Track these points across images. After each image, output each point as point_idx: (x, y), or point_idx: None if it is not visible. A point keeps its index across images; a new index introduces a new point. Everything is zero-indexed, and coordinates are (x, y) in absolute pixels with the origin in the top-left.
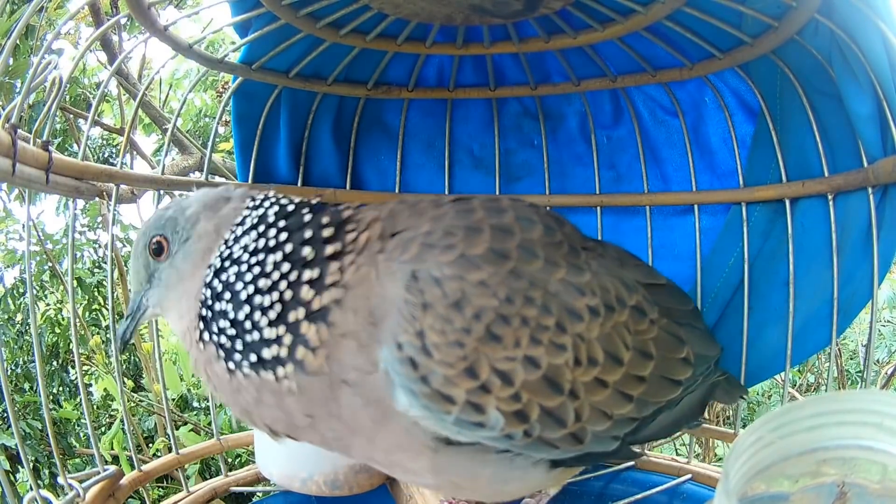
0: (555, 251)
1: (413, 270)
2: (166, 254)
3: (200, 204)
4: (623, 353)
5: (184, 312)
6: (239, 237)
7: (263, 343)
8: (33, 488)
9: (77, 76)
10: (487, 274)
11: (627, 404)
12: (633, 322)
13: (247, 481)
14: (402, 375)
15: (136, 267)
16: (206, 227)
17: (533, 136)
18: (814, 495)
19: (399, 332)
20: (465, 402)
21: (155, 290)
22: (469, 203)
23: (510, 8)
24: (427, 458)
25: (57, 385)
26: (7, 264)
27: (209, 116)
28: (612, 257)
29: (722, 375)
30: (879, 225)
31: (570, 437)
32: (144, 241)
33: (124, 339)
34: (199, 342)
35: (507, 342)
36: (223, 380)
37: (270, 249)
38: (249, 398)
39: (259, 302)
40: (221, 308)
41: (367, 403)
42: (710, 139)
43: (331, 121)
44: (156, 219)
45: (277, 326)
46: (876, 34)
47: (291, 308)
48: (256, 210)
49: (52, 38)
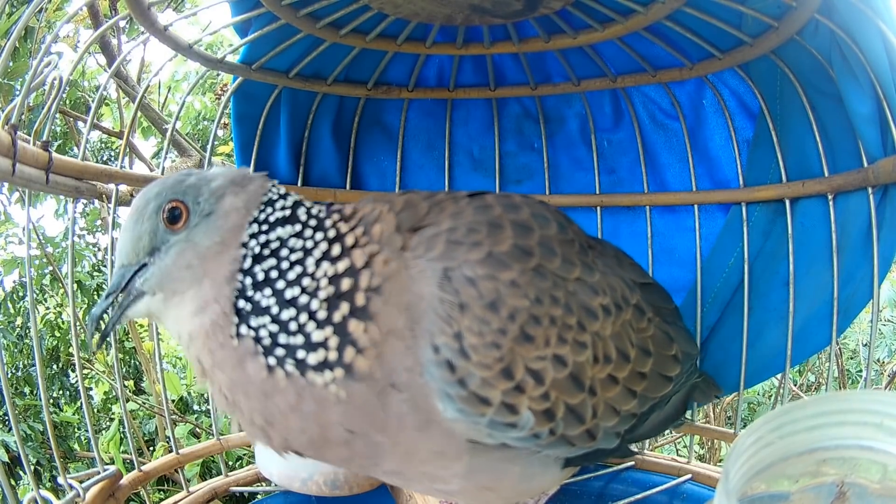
0: (569, 249)
1: (444, 269)
2: (184, 224)
3: (227, 179)
4: (630, 351)
5: (208, 300)
6: (272, 224)
7: (310, 347)
8: (33, 489)
9: (76, 79)
10: (517, 273)
11: (632, 400)
12: (635, 320)
13: (247, 481)
14: (438, 380)
15: (136, 233)
16: (235, 202)
17: (533, 138)
18: (814, 495)
19: (436, 333)
20: (500, 404)
21: (157, 266)
22: (484, 199)
23: (510, 8)
24: (463, 462)
25: (57, 389)
26: (7, 271)
27: (208, 119)
28: (611, 256)
29: (700, 377)
30: (879, 225)
31: (585, 434)
32: (158, 202)
33: (102, 330)
34: (234, 337)
35: (539, 342)
36: (255, 380)
37: (308, 250)
38: (283, 404)
39: (305, 302)
40: (265, 304)
41: (413, 408)
42: (710, 141)
43: (331, 121)
44: (175, 182)
45: (324, 328)
46: (876, 34)
47: (335, 306)
48: (285, 199)
49: (50, 39)
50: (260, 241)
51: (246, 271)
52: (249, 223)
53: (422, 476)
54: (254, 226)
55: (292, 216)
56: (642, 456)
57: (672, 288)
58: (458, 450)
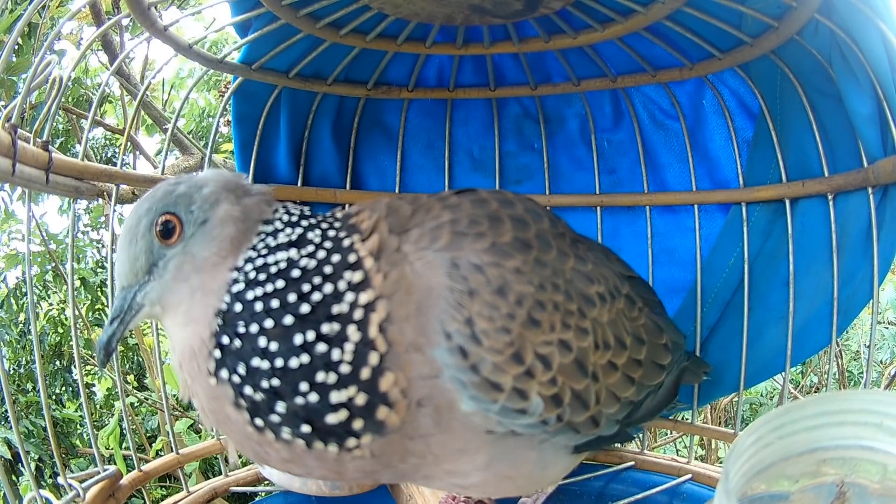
0: (562, 242)
1: (452, 258)
2: (178, 236)
3: (219, 184)
4: (626, 338)
5: (196, 316)
6: (273, 248)
7: (327, 409)
8: (34, 488)
9: (80, 77)
10: (520, 262)
11: (631, 387)
12: (627, 309)
13: (247, 481)
14: (451, 367)
15: (131, 254)
16: (231, 211)
17: (533, 139)
18: (814, 495)
19: (447, 320)
20: (512, 389)
21: (157, 282)
22: (478, 194)
23: (510, 8)
24: (485, 453)
25: (60, 385)
26: (9, 267)
27: (212, 116)
28: (598, 250)
29: (688, 360)
30: (880, 225)
31: (590, 421)
32: (150, 218)
33: (108, 350)
34: (211, 375)
35: (545, 327)
36: (241, 431)
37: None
38: (277, 456)
39: (323, 351)
40: (260, 345)
41: (437, 414)
42: (710, 142)
43: (331, 121)
44: (164, 193)
45: (348, 387)
46: (876, 34)
47: (363, 357)
48: (292, 225)
49: (52, 36)
50: (256, 265)
51: (236, 295)
52: (247, 249)
53: (444, 474)
54: (250, 252)
55: (303, 240)
56: (642, 456)
57: (672, 288)
58: (479, 443)
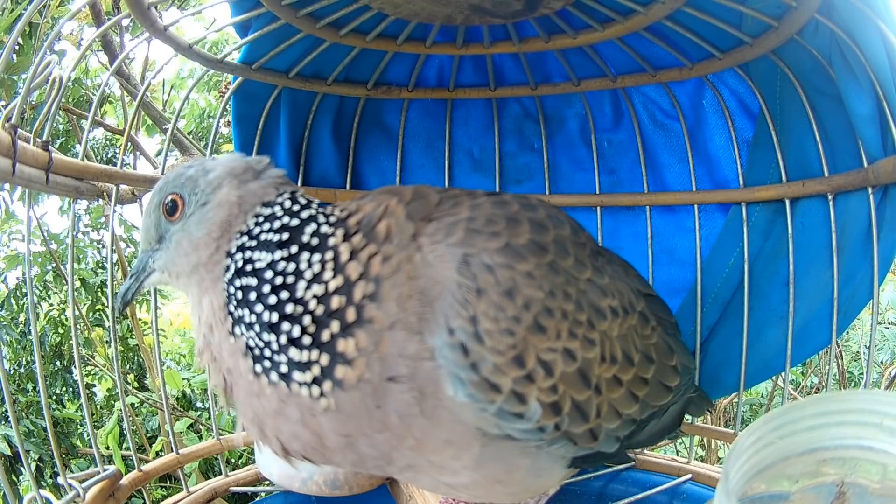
0: (581, 251)
1: (464, 254)
2: (180, 214)
3: (226, 169)
4: (634, 355)
5: (207, 287)
6: (266, 232)
7: (294, 366)
8: (34, 488)
9: (80, 77)
10: (532, 266)
11: (634, 404)
12: (640, 327)
13: (247, 481)
14: (451, 362)
15: (146, 225)
16: (229, 196)
17: (533, 139)
18: (814, 495)
19: (452, 315)
20: (510, 392)
21: (163, 252)
22: (502, 196)
23: (510, 8)
24: (474, 451)
25: (60, 385)
26: (9, 267)
27: (213, 116)
28: (618, 265)
29: (695, 392)
30: (880, 225)
31: (588, 434)
32: (159, 197)
33: (125, 300)
34: (231, 334)
35: (551, 333)
36: (246, 378)
37: (300, 272)
38: (269, 406)
39: (287, 329)
40: (248, 321)
41: (419, 396)
42: (710, 142)
43: (331, 121)
44: (175, 175)
45: (310, 350)
46: (876, 34)
47: (324, 326)
48: (290, 217)
49: (53, 36)
50: (245, 257)
51: (229, 282)
52: (240, 234)
53: (430, 466)
54: (243, 238)
55: (290, 239)
56: (642, 456)
57: (672, 288)
58: (468, 439)
